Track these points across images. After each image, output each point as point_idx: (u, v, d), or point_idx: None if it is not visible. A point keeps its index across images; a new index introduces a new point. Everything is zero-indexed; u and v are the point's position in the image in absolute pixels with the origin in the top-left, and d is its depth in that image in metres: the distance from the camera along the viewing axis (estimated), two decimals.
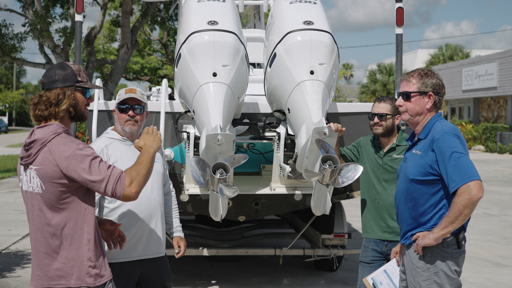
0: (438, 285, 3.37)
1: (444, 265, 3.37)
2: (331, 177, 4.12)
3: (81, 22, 6.22)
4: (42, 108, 3.02)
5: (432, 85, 3.47)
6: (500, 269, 7.70)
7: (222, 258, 7.73)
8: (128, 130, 3.86)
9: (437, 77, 3.51)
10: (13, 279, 6.90)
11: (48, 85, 3.05)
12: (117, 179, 2.91)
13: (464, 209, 3.22)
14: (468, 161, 3.27)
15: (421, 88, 3.47)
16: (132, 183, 2.93)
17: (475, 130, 31.84)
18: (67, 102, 3.03)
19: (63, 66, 3.09)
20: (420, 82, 3.47)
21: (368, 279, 3.78)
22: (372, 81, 46.59)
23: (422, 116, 3.49)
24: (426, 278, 3.39)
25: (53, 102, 3.01)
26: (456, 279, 3.41)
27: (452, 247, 3.39)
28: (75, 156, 2.90)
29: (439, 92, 3.49)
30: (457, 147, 3.29)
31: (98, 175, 2.89)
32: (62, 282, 2.99)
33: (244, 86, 4.82)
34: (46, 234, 2.99)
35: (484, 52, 46.07)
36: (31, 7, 18.88)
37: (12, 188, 15.37)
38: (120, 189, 2.91)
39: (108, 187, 2.90)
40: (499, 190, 15.65)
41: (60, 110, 3.02)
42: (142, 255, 3.87)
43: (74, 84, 3.07)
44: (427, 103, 3.47)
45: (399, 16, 6.26)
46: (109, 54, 33.22)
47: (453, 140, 3.32)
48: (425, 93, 3.46)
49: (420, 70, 3.55)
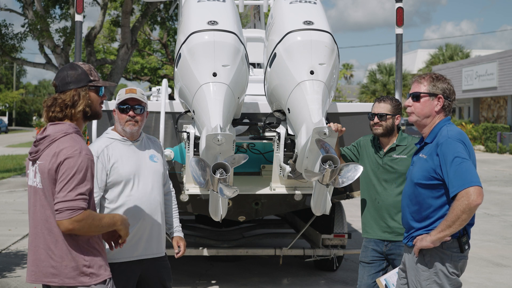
0: (438, 285, 3.40)
1: (442, 267, 3.40)
2: (331, 177, 4.12)
3: (81, 22, 6.22)
4: (57, 110, 3.04)
5: (443, 89, 3.49)
6: (500, 269, 7.70)
7: (222, 258, 7.73)
8: (129, 130, 3.85)
9: (448, 82, 3.54)
10: (13, 279, 6.90)
11: (61, 87, 3.07)
12: (73, 210, 2.89)
13: (461, 214, 3.23)
14: (470, 167, 3.27)
15: (432, 90, 3.48)
16: (80, 221, 2.91)
17: (475, 130, 31.85)
18: (83, 103, 3.06)
19: (74, 67, 3.10)
20: (431, 84, 3.50)
21: (381, 280, 3.80)
22: (372, 81, 46.60)
23: (430, 118, 3.50)
24: (427, 277, 3.42)
25: (68, 104, 3.04)
26: (456, 279, 3.44)
27: (452, 250, 3.40)
28: (73, 158, 2.91)
29: (449, 97, 3.50)
30: (460, 152, 3.30)
31: (66, 191, 2.89)
32: (55, 280, 3.00)
33: (244, 86, 4.82)
34: (45, 230, 3.01)
35: (484, 52, 46.09)
36: (31, 7, 18.87)
37: (12, 188, 15.37)
38: (64, 216, 2.89)
39: (58, 205, 2.90)
40: (499, 190, 15.65)
41: (76, 112, 3.06)
42: (143, 255, 3.87)
43: (87, 84, 3.09)
44: (436, 105, 3.48)
45: (399, 16, 6.27)
46: (109, 54, 33.20)
47: (457, 145, 3.33)
48: (435, 95, 3.48)
49: (432, 73, 3.59)
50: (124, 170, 3.79)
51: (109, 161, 3.77)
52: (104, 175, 3.75)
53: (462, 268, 3.47)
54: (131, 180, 3.80)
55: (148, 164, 3.89)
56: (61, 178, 2.91)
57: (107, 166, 3.76)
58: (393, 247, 4.47)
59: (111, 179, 3.77)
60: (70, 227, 2.91)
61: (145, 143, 3.96)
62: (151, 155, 3.93)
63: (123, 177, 3.78)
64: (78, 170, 2.91)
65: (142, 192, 3.83)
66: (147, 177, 3.86)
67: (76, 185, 2.90)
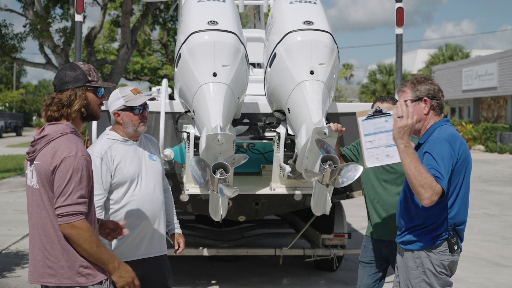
0: (427, 284, 3.45)
1: (430, 266, 3.44)
2: (331, 177, 4.13)
3: (81, 22, 6.22)
4: (54, 109, 3.06)
5: (426, 90, 3.50)
6: (500, 269, 7.70)
7: (222, 258, 7.73)
8: (142, 130, 3.88)
9: (431, 82, 3.55)
10: (13, 279, 6.90)
11: (59, 86, 3.08)
12: (73, 214, 2.90)
13: (419, 188, 3.17)
14: (437, 167, 3.25)
15: (415, 94, 3.51)
16: (79, 228, 2.91)
17: (475, 130, 31.83)
18: (78, 103, 3.07)
19: (73, 67, 3.11)
20: (413, 90, 3.52)
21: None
22: (372, 81, 46.58)
23: (422, 122, 3.52)
24: (416, 276, 3.48)
25: (65, 104, 3.05)
26: (445, 278, 3.48)
27: (440, 249, 3.44)
28: (69, 160, 2.91)
29: (435, 96, 3.52)
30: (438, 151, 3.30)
31: (66, 195, 2.89)
32: (52, 280, 3.01)
33: (244, 86, 4.82)
34: (41, 231, 3.01)
35: (484, 52, 46.05)
36: (31, 8, 18.87)
37: (12, 188, 15.37)
38: (64, 220, 2.90)
39: (58, 210, 2.91)
40: (499, 190, 15.65)
41: (72, 111, 3.06)
42: (145, 254, 3.89)
43: (85, 84, 3.10)
44: (423, 108, 3.50)
45: (399, 16, 6.27)
46: (109, 54, 33.21)
47: (441, 145, 3.34)
48: (420, 98, 3.50)
49: (413, 79, 3.61)
50: (128, 170, 3.80)
51: (113, 162, 3.78)
52: (109, 177, 3.76)
53: (451, 268, 3.50)
54: (134, 180, 3.82)
55: (148, 164, 3.90)
56: (58, 182, 2.91)
57: (111, 167, 3.77)
58: (393, 247, 4.47)
59: (115, 180, 3.77)
60: (70, 231, 2.92)
61: (144, 142, 3.97)
62: (150, 154, 3.95)
63: (127, 178, 3.79)
64: (74, 172, 2.91)
65: (145, 192, 3.84)
66: (149, 177, 3.88)
67: (74, 188, 2.91)
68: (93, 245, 2.96)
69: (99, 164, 3.72)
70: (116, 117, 3.87)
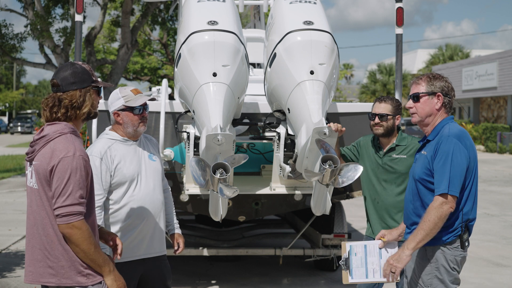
0: (439, 280, 3.47)
1: (444, 262, 3.46)
2: (331, 177, 4.13)
3: (81, 22, 6.22)
4: (62, 111, 3.01)
5: (441, 87, 3.56)
6: (500, 269, 7.70)
7: (222, 258, 7.73)
8: (142, 130, 3.88)
9: (445, 80, 3.61)
10: (13, 279, 6.90)
11: (65, 87, 3.02)
12: (72, 215, 2.89)
13: (438, 221, 3.34)
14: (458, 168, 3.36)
15: (430, 89, 3.56)
16: (79, 228, 2.90)
17: (475, 130, 31.84)
18: (89, 104, 3.04)
19: (76, 67, 3.07)
20: (428, 83, 3.57)
21: (346, 244, 3.79)
22: (372, 81, 46.59)
23: (432, 117, 3.56)
24: (428, 272, 3.49)
25: (75, 106, 3.02)
26: (456, 274, 3.50)
27: (454, 245, 3.46)
28: (67, 160, 2.90)
29: (448, 94, 3.57)
30: (454, 150, 3.37)
31: (65, 196, 2.89)
32: (52, 280, 3.00)
33: (244, 86, 4.82)
34: (41, 231, 3.00)
35: (484, 52, 46.05)
36: (32, 8, 18.87)
37: (12, 188, 15.37)
38: (63, 221, 2.90)
39: (57, 211, 2.90)
40: (499, 190, 15.65)
41: (81, 113, 3.04)
42: (145, 253, 3.88)
43: (91, 84, 3.07)
44: (436, 103, 3.55)
45: (399, 16, 6.27)
46: (109, 54, 33.19)
47: (455, 143, 3.40)
48: (434, 93, 3.55)
49: (429, 73, 3.67)
50: (128, 170, 3.79)
51: (112, 162, 3.77)
52: (108, 177, 3.75)
53: (462, 264, 3.54)
54: (134, 180, 3.82)
55: (148, 164, 3.90)
56: (57, 182, 2.90)
57: (111, 167, 3.76)
58: None
59: (115, 180, 3.77)
60: (69, 231, 2.91)
61: (143, 142, 3.97)
62: (150, 154, 3.94)
63: (127, 178, 3.79)
64: (73, 172, 2.90)
65: (145, 192, 3.84)
66: (149, 177, 3.87)
67: (73, 189, 2.90)
68: (91, 246, 2.95)
69: (99, 164, 3.72)
70: (116, 117, 3.86)
